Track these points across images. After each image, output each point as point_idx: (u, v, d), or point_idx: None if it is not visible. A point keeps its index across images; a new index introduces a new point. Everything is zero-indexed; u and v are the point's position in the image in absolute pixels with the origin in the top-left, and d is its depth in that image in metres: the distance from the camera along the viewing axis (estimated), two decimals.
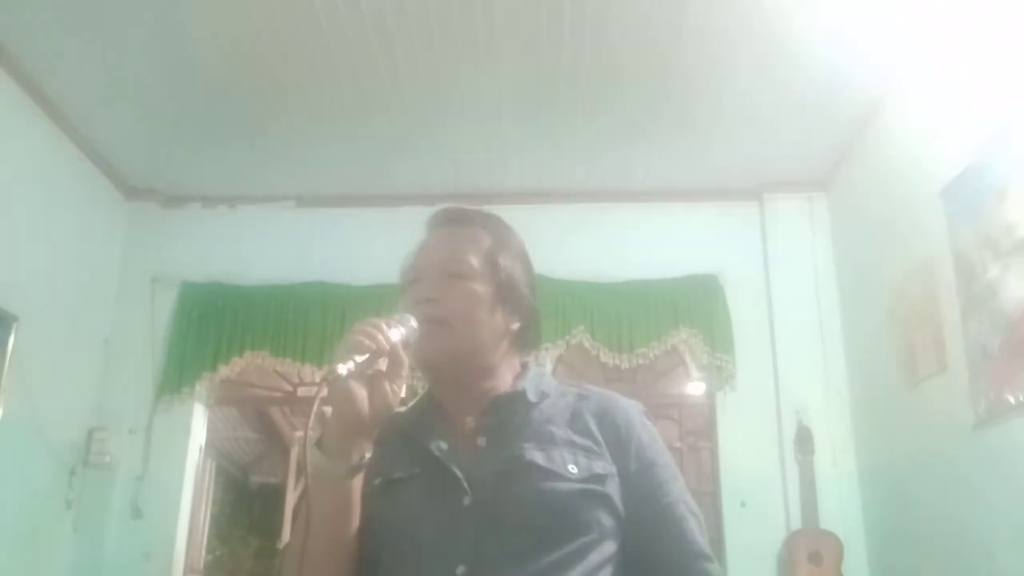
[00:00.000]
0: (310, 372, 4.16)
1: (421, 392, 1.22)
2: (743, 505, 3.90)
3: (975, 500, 2.80)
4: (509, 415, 1.13)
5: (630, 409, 1.18)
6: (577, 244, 4.24)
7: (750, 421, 4.00)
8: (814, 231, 4.23)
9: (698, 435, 4.33)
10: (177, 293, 4.23)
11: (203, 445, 4.27)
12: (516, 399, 1.14)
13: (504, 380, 1.16)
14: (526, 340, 1.20)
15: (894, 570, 3.56)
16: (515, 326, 1.17)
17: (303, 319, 4.11)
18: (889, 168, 3.52)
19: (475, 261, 1.15)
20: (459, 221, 1.22)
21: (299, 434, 7.34)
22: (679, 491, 1.13)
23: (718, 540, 3.94)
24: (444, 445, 1.10)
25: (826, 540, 3.65)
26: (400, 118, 3.71)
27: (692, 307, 4.10)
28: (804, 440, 3.84)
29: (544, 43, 3.21)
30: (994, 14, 2.70)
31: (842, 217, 4.15)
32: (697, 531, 1.12)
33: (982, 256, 2.71)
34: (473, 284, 1.13)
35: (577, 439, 1.11)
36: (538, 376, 1.20)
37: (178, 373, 4.07)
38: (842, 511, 3.77)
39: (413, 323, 1.06)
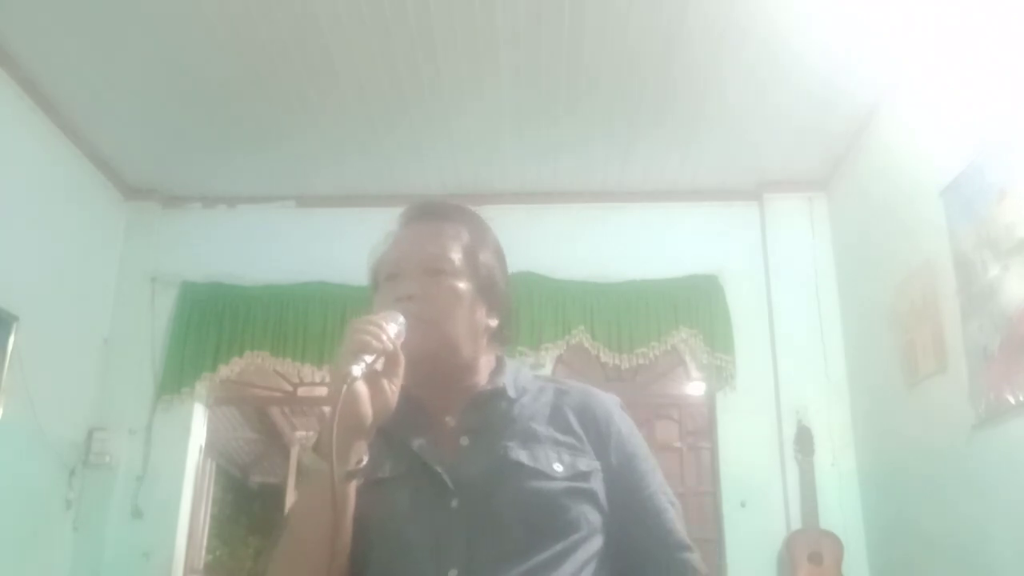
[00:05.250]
0: (310, 372, 4.16)
1: None
2: (743, 505, 3.90)
3: (975, 500, 2.80)
4: (491, 413, 1.13)
5: (608, 402, 1.18)
6: (577, 244, 4.25)
7: (750, 421, 4.00)
8: (814, 231, 4.23)
9: (698, 435, 4.33)
10: (177, 293, 4.23)
11: (203, 445, 4.27)
12: (496, 396, 1.14)
13: (482, 376, 1.16)
14: (503, 336, 1.20)
15: (894, 570, 3.56)
16: (493, 323, 1.17)
17: (303, 319, 4.12)
18: (889, 168, 3.52)
19: (456, 257, 1.13)
20: (436, 216, 1.19)
21: (300, 434, 7.36)
22: (659, 482, 1.15)
23: (718, 540, 3.94)
24: (426, 444, 1.10)
25: (826, 540, 3.65)
26: (400, 118, 3.71)
27: (692, 307, 4.10)
28: (804, 440, 3.84)
29: (544, 43, 3.21)
30: (994, 14, 2.70)
31: (842, 217, 4.15)
32: (677, 521, 1.14)
33: (982, 256, 2.71)
34: (455, 281, 1.12)
35: (560, 436, 1.11)
36: (515, 371, 1.19)
37: (178, 373, 4.07)
38: (842, 511, 3.77)
39: (402, 320, 1.04)
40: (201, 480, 4.30)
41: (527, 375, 1.21)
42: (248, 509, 8.70)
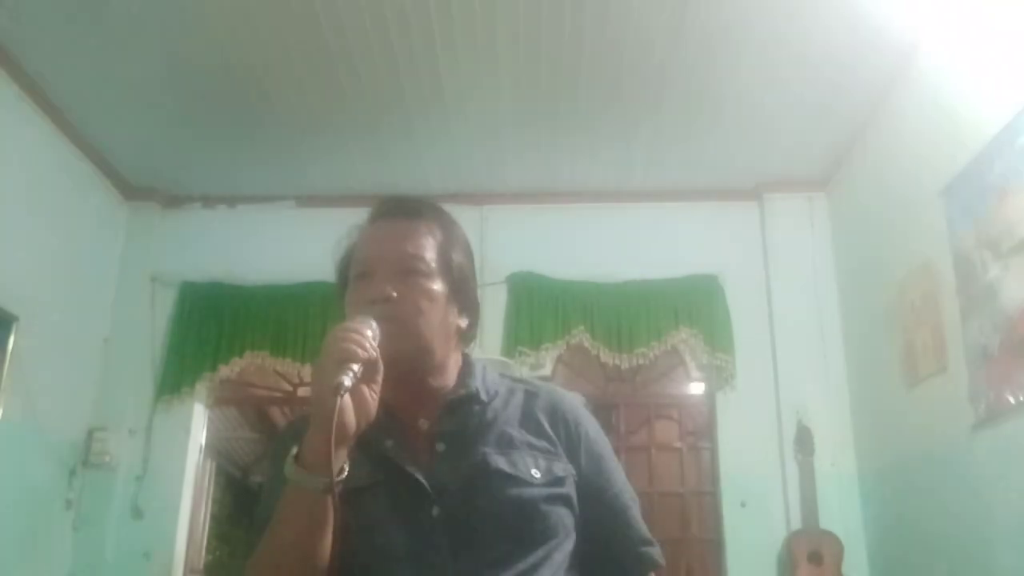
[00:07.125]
0: (310, 372, 4.15)
1: None
2: (743, 505, 3.90)
3: (975, 500, 2.80)
4: (465, 418, 1.12)
5: (575, 404, 1.20)
6: (577, 244, 4.25)
7: (750, 421, 4.00)
8: (814, 231, 4.23)
9: (698, 435, 4.33)
10: (177, 293, 4.22)
11: (203, 445, 4.26)
12: (470, 400, 1.13)
13: (451, 377, 1.15)
14: (469, 336, 1.20)
15: (894, 570, 3.56)
16: (464, 323, 1.16)
17: (303, 319, 4.11)
18: (889, 168, 3.52)
19: (430, 257, 1.12)
20: (409, 213, 1.16)
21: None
22: (623, 481, 1.18)
23: (718, 540, 3.94)
24: (401, 450, 1.08)
25: (826, 540, 3.65)
26: (400, 118, 3.71)
27: (692, 307, 4.09)
28: (804, 440, 3.84)
29: (544, 43, 3.21)
30: (993, 14, 2.70)
31: (842, 217, 4.15)
32: (639, 518, 1.18)
33: (982, 256, 2.71)
34: (430, 282, 1.10)
35: (534, 440, 1.12)
36: (482, 371, 1.19)
37: (178, 373, 4.07)
38: (842, 511, 3.77)
39: (375, 324, 1.01)
40: (201, 480, 4.29)
41: (493, 375, 1.20)
42: (248, 509, 8.68)
